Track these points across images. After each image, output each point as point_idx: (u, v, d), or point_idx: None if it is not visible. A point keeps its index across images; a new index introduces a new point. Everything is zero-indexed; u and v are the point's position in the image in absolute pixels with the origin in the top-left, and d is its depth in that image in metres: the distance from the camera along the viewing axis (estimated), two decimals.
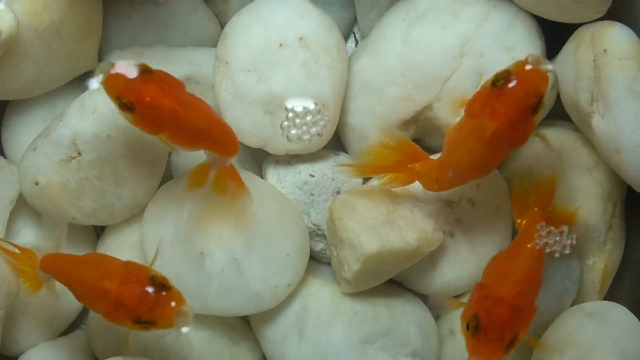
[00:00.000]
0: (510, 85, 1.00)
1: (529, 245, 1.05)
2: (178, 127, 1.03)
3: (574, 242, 1.10)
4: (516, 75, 1.00)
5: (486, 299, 1.00)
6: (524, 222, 1.08)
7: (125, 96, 1.01)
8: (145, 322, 0.98)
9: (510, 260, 1.04)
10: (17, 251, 1.08)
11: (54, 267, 1.05)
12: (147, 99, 1.00)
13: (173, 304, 0.98)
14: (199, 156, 1.08)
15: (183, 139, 1.04)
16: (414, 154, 1.10)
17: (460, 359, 1.19)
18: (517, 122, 1.01)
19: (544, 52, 1.18)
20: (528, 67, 1.00)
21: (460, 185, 1.08)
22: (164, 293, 0.98)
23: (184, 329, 1.15)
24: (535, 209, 1.08)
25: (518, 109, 1.00)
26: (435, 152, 1.22)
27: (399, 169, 1.10)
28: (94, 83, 1.11)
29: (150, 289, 0.98)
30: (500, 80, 1.00)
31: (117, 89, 1.01)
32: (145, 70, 1.02)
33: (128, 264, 1.01)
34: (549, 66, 1.00)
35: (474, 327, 0.98)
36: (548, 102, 1.18)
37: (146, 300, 0.98)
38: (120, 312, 0.99)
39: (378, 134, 1.19)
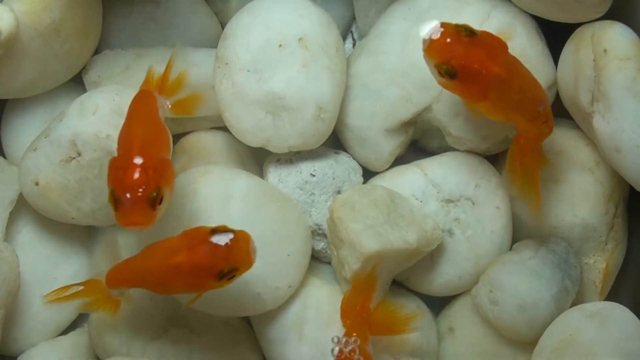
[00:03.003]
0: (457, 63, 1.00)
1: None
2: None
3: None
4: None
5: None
6: (348, 321, 1.09)
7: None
8: (228, 273, 0.98)
9: None
10: (81, 287, 1.07)
11: (120, 279, 1.04)
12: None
13: (244, 244, 0.98)
14: None
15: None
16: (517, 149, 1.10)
17: (460, 357, 1.20)
18: (489, 48, 1.02)
19: (546, 52, 1.18)
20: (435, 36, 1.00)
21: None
22: (230, 239, 0.98)
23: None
24: (358, 307, 1.09)
25: (476, 48, 1.01)
26: (433, 154, 1.22)
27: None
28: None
29: (216, 242, 0.98)
30: (451, 71, 1.01)
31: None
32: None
33: (183, 234, 1.00)
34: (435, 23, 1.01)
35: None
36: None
37: (219, 253, 0.97)
38: (201, 278, 0.98)
39: (378, 135, 1.20)
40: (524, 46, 1.16)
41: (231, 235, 0.98)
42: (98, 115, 1.13)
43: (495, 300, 1.14)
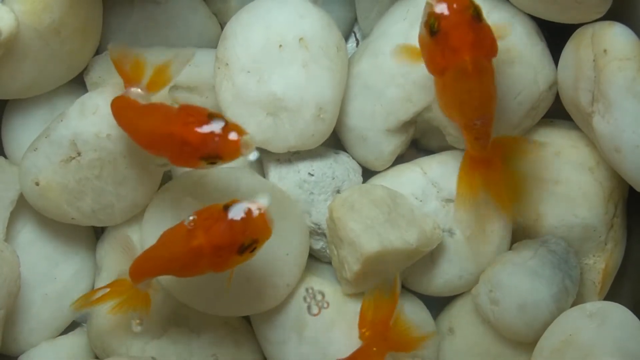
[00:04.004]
0: (445, 25, 1.01)
1: None
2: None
3: None
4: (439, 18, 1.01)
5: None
6: (367, 333, 1.10)
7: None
8: (249, 246, 0.99)
9: None
10: (108, 289, 1.07)
11: (144, 271, 1.04)
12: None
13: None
14: None
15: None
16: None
17: (460, 358, 1.20)
18: (478, 39, 1.02)
19: (546, 53, 1.18)
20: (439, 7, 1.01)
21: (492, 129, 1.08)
22: (245, 211, 0.98)
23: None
24: (378, 320, 1.10)
25: (469, 30, 1.01)
26: (434, 153, 1.22)
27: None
28: None
29: (232, 217, 0.98)
30: (434, 27, 1.02)
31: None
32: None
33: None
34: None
35: None
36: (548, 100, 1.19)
37: (236, 228, 0.98)
38: (224, 256, 0.99)
39: (378, 135, 1.20)
40: (524, 47, 1.16)
41: (246, 207, 0.98)
42: (98, 116, 1.13)
43: (495, 300, 1.14)
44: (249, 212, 0.98)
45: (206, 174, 1.15)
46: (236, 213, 0.98)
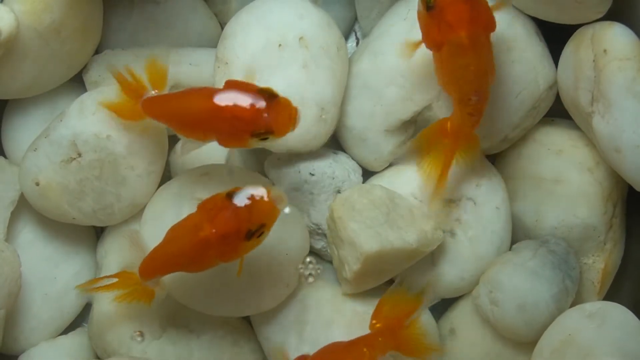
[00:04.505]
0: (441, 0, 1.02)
1: (365, 349, 1.05)
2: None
3: None
4: None
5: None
6: (377, 325, 1.09)
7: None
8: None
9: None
10: (115, 279, 1.07)
11: (153, 270, 1.04)
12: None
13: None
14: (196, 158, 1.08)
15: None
16: (439, 127, 1.11)
17: (461, 359, 1.20)
18: (474, 14, 1.02)
19: (546, 53, 1.18)
20: None
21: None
22: (249, 197, 0.98)
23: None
24: (394, 316, 1.08)
25: (465, 5, 1.02)
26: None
27: (437, 143, 1.11)
28: None
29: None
30: (430, 2, 1.03)
31: None
32: None
33: (200, 207, 1.00)
34: None
35: None
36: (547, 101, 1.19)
37: (241, 215, 0.97)
38: (232, 244, 0.98)
39: (378, 135, 1.20)
40: (524, 47, 1.16)
41: (249, 193, 0.98)
42: (98, 116, 1.13)
43: (495, 300, 1.14)
44: (252, 197, 0.98)
45: (206, 173, 1.15)
46: (240, 199, 0.98)
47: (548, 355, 1.11)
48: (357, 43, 1.34)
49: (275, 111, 0.98)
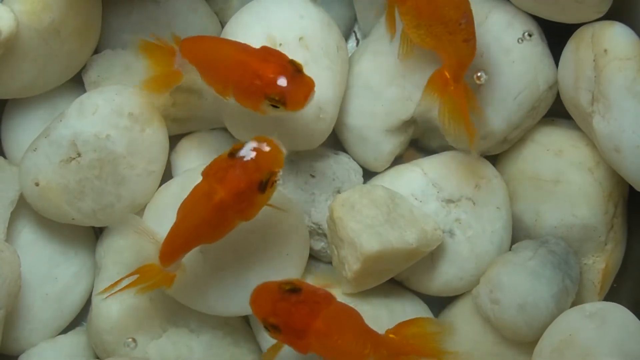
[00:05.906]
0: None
1: (367, 351, 1.01)
2: None
3: None
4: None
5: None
6: (391, 335, 1.04)
7: None
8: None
9: None
10: (137, 275, 1.06)
11: (175, 252, 1.03)
12: None
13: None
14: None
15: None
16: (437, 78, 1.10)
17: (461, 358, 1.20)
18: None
19: (546, 53, 1.18)
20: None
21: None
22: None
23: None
24: (392, 335, 1.03)
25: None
26: (434, 153, 1.22)
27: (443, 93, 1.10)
28: None
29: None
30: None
31: None
32: None
33: (205, 175, 1.01)
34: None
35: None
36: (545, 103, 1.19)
37: (249, 167, 0.98)
38: (247, 199, 0.99)
39: (378, 135, 1.20)
40: (524, 47, 1.16)
41: (252, 146, 0.99)
42: (98, 116, 1.13)
43: (495, 300, 1.14)
44: (255, 149, 0.99)
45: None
46: (245, 154, 0.98)
47: (548, 355, 1.11)
48: (357, 43, 1.33)
49: (295, 84, 1.01)
